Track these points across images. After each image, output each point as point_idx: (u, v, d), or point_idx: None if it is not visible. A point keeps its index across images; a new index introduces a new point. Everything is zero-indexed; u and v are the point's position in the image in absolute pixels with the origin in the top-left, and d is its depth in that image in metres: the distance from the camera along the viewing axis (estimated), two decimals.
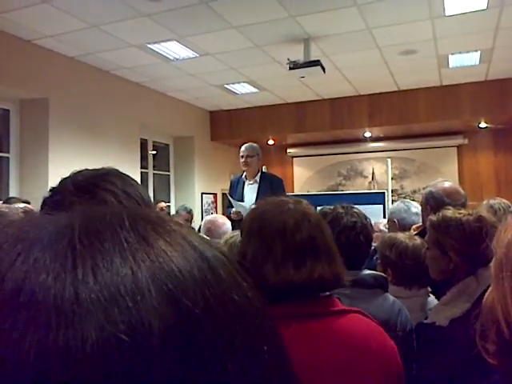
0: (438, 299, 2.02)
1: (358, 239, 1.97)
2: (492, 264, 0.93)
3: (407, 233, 2.68)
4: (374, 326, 1.36)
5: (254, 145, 5.24)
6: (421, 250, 2.25)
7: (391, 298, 1.99)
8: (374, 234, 2.24)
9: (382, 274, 2.09)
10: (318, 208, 6.50)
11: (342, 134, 9.38)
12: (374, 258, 2.52)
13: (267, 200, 1.47)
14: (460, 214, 1.92)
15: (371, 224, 2.12)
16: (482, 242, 1.83)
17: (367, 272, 2.00)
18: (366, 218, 2.07)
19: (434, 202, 2.66)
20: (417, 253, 2.26)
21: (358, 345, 1.26)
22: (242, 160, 5.14)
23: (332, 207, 2.08)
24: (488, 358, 0.91)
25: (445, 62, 7.07)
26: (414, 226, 3.02)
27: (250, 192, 5.07)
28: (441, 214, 1.96)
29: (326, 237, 1.38)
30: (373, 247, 2.20)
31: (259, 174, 5.19)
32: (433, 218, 1.99)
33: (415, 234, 2.63)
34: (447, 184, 2.83)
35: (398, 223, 3.20)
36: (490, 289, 0.94)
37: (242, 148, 5.18)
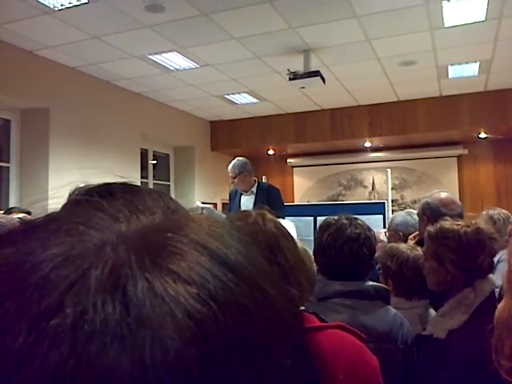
0: (436, 311, 2.02)
1: (361, 251, 1.96)
2: (505, 278, 0.91)
3: (411, 243, 2.69)
4: (352, 343, 1.32)
5: (237, 162, 5.12)
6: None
7: (393, 310, 1.99)
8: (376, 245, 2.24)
9: (385, 287, 2.08)
10: (320, 218, 6.46)
11: (342, 144, 9.40)
12: (376, 267, 2.51)
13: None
14: (458, 225, 1.92)
15: (375, 236, 2.11)
16: (480, 254, 1.83)
17: (370, 283, 1.99)
18: (369, 229, 2.06)
19: (430, 213, 2.68)
20: (417, 264, 2.25)
21: (326, 364, 1.20)
22: (230, 182, 5.13)
23: (336, 218, 2.07)
24: (504, 375, 0.88)
25: (444, 73, 7.09)
26: (411, 236, 3.03)
27: (247, 203, 5.04)
28: (438, 226, 1.96)
29: (287, 255, 1.32)
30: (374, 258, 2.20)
31: (255, 184, 5.17)
32: (430, 229, 1.99)
33: (414, 243, 2.63)
34: (443, 194, 2.84)
35: (402, 236, 3.18)
36: (503, 302, 0.92)
37: (228, 170, 5.13)
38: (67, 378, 0.23)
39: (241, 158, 5.20)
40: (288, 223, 2.60)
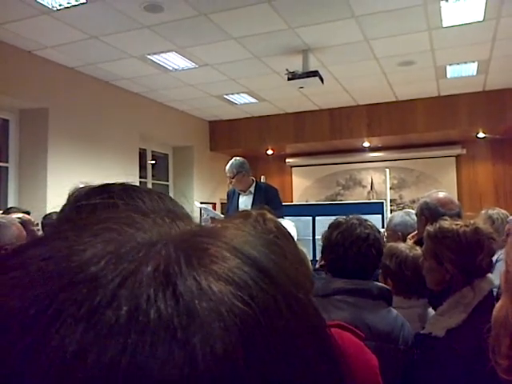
0: (435, 310, 2.03)
1: (370, 251, 1.98)
2: (502, 278, 0.92)
3: (410, 242, 2.69)
4: (351, 341, 1.33)
5: (234, 162, 5.13)
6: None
7: (395, 312, 2.00)
8: None
9: (388, 288, 2.09)
10: (318, 218, 6.42)
11: (340, 144, 9.41)
12: None
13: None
14: (457, 225, 1.92)
15: (383, 238, 2.12)
16: (479, 254, 1.84)
17: (373, 283, 2.01)
18: (378, 231, 2.09)
19: (428, 213, 2.69)
20: (416, 263, 2.26)
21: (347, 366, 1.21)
22: (228, 182, 5.13)
23: (347, 218, 2.09)
24: (501, 374, 0.89)
25: (443, 73, 7.11)
26: (409, 236, 3.03)
27: (245, 203, 5.04)
28: (438, 225, 1.96)
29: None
30: None
31: (253, 184, 5.17)
32: (430, 228, 2.00)
33: (413, 243, 2.64)
34: (441, 194, 2.85)
35: (401, 236, 3.19)
36: (501, 302, 0.93)
37: (226, 170, 5.14)
38: (123, 370, 0.24)
39: (238, 158, 5.20)
40: (288, 223, 2.60)
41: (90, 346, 0.25)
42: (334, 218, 2.18)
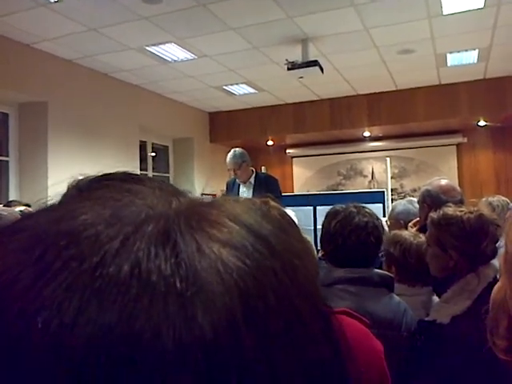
0: (439, 297, 2.03)
1: (369, 239, 1.96)
2: (502, 259, 0.92)
3: (413, 230, 2.69)
4: (357, 328, 1.34)
5: (237, 153, 5.12)
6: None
7: (397, 298, 1.99)
8: None
9: (390, 274, 2.09)
10: (319, 208, 6.44)
11: (341, 133, 9.39)
12: (380, 255, 2.52)
13: None
14: (461, 211, 1.92)
15: (382, 225, 2.11)
16: (483, 240, 1.84)
17: (374, 271, 2.00)
18: (377, 218, 2.07)
19: (430, 200, 2.69)
20: (420, 251, 2.25)
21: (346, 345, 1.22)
22: (232, 174, 5.11)
23: (344, 206, 2.07)
24: (499, 355, 0.89)
25: (443, 61, 7.08)
26: (410, 223, 3.03)
27: (246, 194, 5.05)
28: (441, 212, 1.96)
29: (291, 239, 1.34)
30: None
31: (253, 175, 5.17)
32: (433, 215, 1.99)
33: (415, 231, 2.64)
34: (443, 181, 2.85)
35: (404, 224, 3.19)
36: (499, 284, 0.93)
37: (227, 162, 5.12)
38: (125, 321, 0.25)
39: (238, 149, 5.20)
40: (289, 212, 2.60)
41: (90, 301, 0.25)
42: None
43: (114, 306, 0.25)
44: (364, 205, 2.11)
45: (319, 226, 2.23)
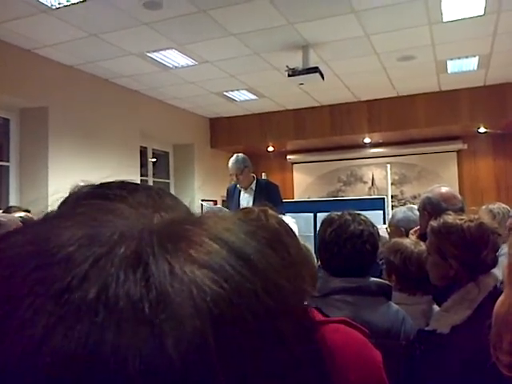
0: (440, 306, 2.01)
1: (365, 247, 1.94)
2: (505, 270, 0.90)
3: (412, 238, 2.68)
4: (356, 338, 1.32)
5: (239, 158, 5.12)
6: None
7: (395, 306, 1.98)
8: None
9: (387, 283, 2.07)
10: (320, 214, 6.43)
11: (341, 140, 9.38)
12: (380, 262, 2.50)
13: None
14: (461, 220, 1.90)
15: (378, 232, 2.10)
16: (483, 249, 1.82)
17: (371, 279, 1.98)
18: (373, 226, 2.04)
19: (431, 208, 2.68)
20: (421, 259, 2.23)
21: (332, 357, 1.19)
22: (234, 179, 5.11)
23: (339, 214, 2.05)
24: (503, 371, 0.87)
25: (443, 68, 7.08)
26: (411, 231, 3.02)
27: (246, 200, 5.05)
28: (442, 220, 1.94)
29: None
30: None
31: (254, 181, 5.17)
32: (434, 223, 1.98)
33: (415, 238, 2.63)
34: (444, 189, 2.84)
35: (404, 232, 3.18)
36: (502, 297, 0.91)
37: (229, 167, 5.12)
38: (90, 349, 0.24)
39: (240, 154, 5.21)
40: (289, 219, 2.59)
41: (55, 328, 0.24)
42: None
43: (80, 334, 0.24)
44: (359, 212, 2.09)
45: None
